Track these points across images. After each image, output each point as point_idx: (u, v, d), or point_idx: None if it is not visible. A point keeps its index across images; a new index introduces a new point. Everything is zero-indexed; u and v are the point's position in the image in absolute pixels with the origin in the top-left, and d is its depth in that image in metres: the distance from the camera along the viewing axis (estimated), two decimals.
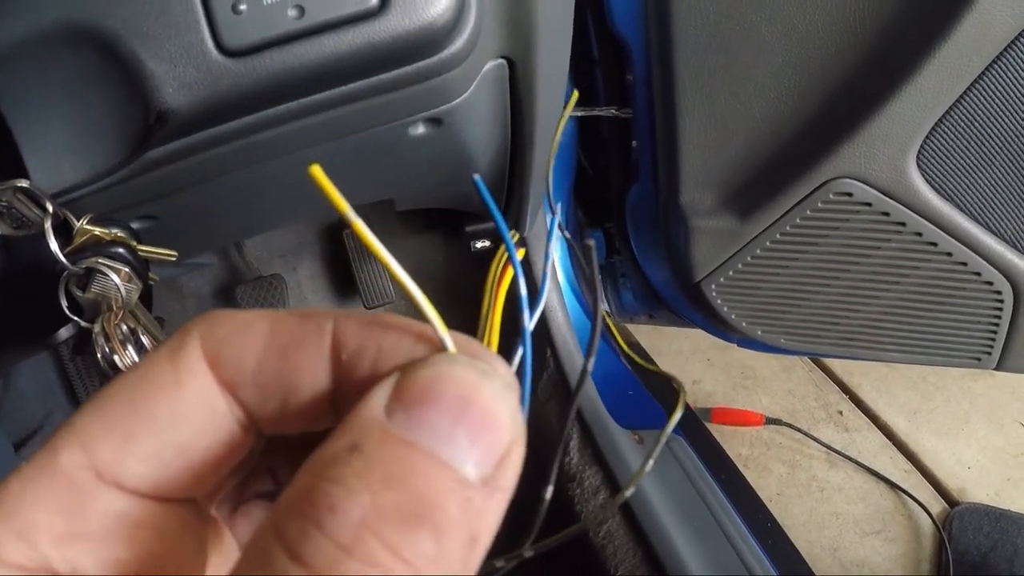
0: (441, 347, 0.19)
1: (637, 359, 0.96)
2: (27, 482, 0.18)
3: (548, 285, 0.20)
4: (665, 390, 1.03)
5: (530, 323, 0.21)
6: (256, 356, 0.19)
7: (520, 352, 0.21)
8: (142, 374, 0.19)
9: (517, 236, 0.68)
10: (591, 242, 0.23)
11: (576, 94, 0.55)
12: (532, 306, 0.22)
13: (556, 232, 0.28)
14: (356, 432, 0.17)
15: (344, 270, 1.09)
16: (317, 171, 0.18)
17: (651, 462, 0.19)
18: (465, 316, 1.03)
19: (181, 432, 0.19)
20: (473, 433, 0.17)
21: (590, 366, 0.20)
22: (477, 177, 0.22)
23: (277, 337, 0.19)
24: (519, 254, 0.23)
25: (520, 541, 0.20)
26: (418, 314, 0.19)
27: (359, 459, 0.16)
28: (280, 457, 0.25)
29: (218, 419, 0.20)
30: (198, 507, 0.22)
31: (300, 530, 0.16)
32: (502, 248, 0.22)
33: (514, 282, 0.21)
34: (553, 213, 0.40)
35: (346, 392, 0.19)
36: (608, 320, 1.04)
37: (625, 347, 0.98)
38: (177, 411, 0.19)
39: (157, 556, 0.19)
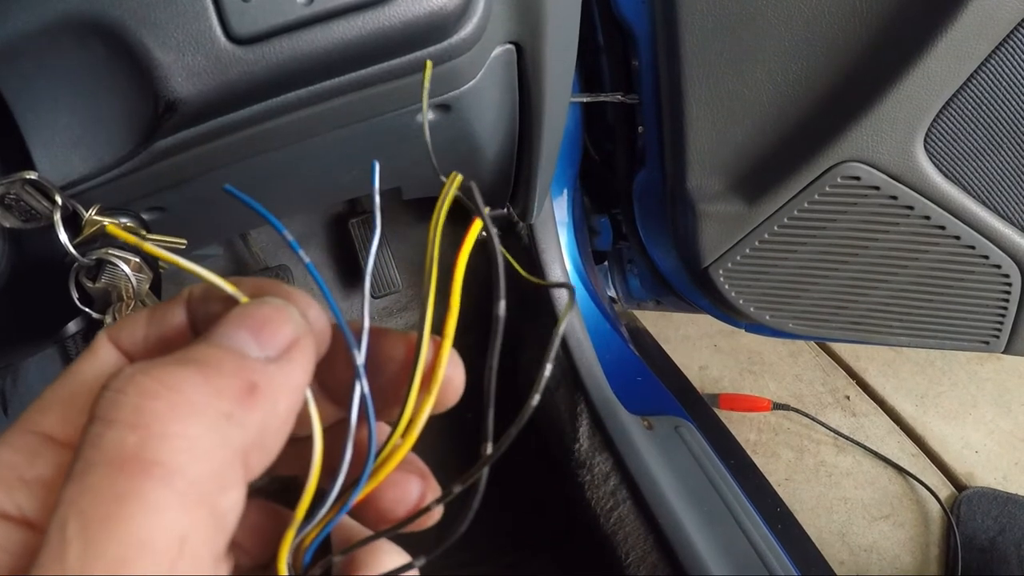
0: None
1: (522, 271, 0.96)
2: None
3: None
4: (676, 376, 1.03)
5: (368, 272, 0.25)
6: (143, 330, 0.25)
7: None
8: (69, 367, 0.24)
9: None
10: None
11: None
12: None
13: (568, 216, 0.28)
14: None
15: (350, 260, 1.09)
16: None
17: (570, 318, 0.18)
18: (472, 301, 1.03)
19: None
20: (254, 331, 0.22)
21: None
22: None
23: (154, 314, 0.25)
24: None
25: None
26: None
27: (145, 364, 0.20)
28: None
29: None
30: None
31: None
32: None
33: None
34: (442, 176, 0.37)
35: None
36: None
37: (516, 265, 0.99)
38: (98, 368, 0.24)
39: None
